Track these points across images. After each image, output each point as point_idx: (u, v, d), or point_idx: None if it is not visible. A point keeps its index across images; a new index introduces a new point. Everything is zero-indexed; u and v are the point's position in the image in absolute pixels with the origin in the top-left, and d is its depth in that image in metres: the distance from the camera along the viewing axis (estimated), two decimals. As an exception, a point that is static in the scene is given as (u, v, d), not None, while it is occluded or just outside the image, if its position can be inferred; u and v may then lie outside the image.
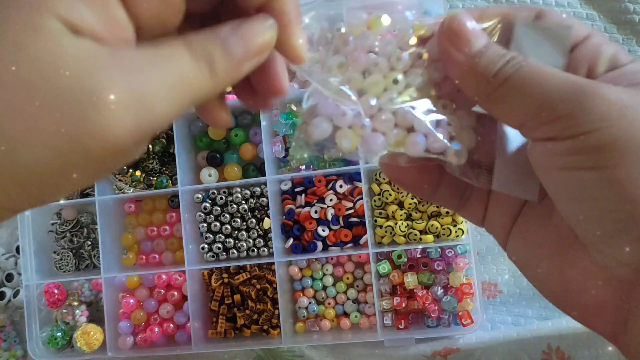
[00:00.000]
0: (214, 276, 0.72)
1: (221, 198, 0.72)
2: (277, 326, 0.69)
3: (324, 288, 0.71)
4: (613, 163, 0.19)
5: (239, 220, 0.71)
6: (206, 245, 0.72)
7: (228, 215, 0.71)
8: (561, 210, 0.22)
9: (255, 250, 0.72)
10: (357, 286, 0.71)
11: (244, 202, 0.71)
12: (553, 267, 0.23)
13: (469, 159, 0.24)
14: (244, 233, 0.71)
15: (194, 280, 0.71)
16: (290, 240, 0.70)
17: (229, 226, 0.72)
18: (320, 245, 0.70)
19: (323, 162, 0.71)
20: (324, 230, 0.69)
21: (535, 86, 0.20)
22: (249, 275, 0.71)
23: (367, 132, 0.23)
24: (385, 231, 0.67)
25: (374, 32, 0.25)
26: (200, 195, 0.72)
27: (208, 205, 0.72)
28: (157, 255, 0.75)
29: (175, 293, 0.73)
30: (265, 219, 0.71)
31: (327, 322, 0.70)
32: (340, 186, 0.70)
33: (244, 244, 0.71)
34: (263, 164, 0.69)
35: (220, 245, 0.72)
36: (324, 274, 0.71)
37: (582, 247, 0.22)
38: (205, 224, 0.72)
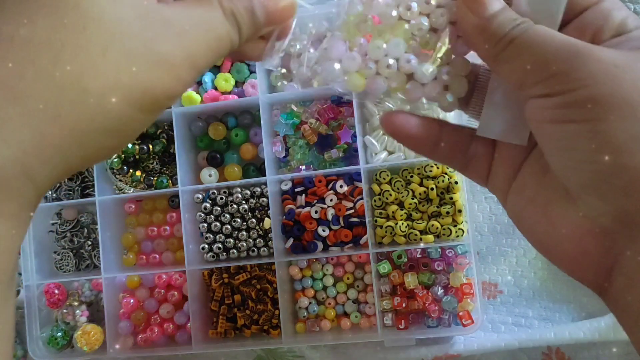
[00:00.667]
0: (214, 276, 0.72)
1: (221, 198, 0.72)
2: (278, 326, 0.69)
3: (324, 288, 0.71)
4: (597, 117, 0.21)
5: (239, 220, 0.71)
6: (206, 246, 0.72)
7: (228, 215, 0.71)
8: (550, 162, 0.23)
9: (256, 250, 0.72)
10: (358, 286, 0.71)
11: (244, 202, 0.71)
12: (543, 218, 0.25)
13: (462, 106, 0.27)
14: (244, 233, 0.71)
15: (194, 281, 0.71)
16: (291, 240, 0.70)
17: (229, 226, 0.72)
18: (320, 245, 0.70)
19: (323, 162, 0.71)
20: (324, 231, 0.69)
21: (536, 48, 0.22)
22: (249, 276, 0.71)
23: (372, 75, 0.26)
24: (386, 231, 0.67)
25: None
26: (200, 195, 0.72)
27: (208, 205, 0.72)
28: (158, 255, 0.75)
29: (176, 293, 0.73)
30: (266, 219, 0.71)
31: (328, 322, 0.70)
32: (341, 186, 0.70)
33: (244, 244, 0.71)
34: (263, 164, 0.69)
35: (220, 245, 0.72)
36: (324, 274, 0.71)
37: (570, 199, 0.23)
38: (205, 224, 0.72)
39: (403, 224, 0.66)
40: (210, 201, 0.72)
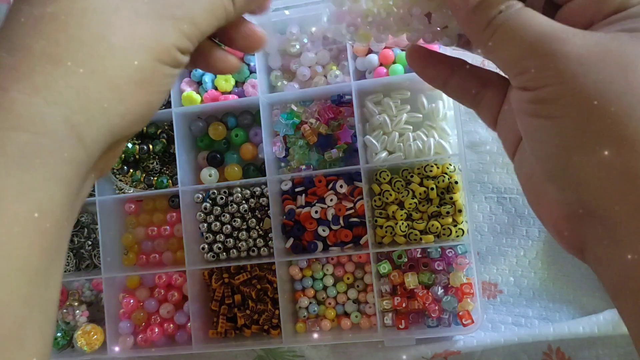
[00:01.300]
0: (214, 276, 0.72)
1: (221, 198, 0.72)
2: (278, 326, 0.69)
3: (325, 288, 0.71)
4: (558, 114, 0.22)
5: (239, 220, 0.71)
6: (206, 245, 0.72)
7: (228, 215, 0.71)
8: (526, 148, 0.25)
9: (256, 250, 0.72)
10: (358, 286, 0.71)
11: (244, 202, 0.72)
12: (536, 189, 0.26)
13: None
14: (244, 233, 0.71)
15: (194, 281, 0.71)
16: (291, 240, 0.70)
17: (229, 226, 0.72)
18: (320, 245, 0.70)
19: (323, 162, 0.71)
20: (324, 231, 0.69)
21: (514, 40, 0.23)
22: (249, 276, 0.71)
23: (378, 26, 0.29)
24: (386, 231, 0.67)
25: None
26: (200, 195, 0.72)
27: (208, 205, 0.72)
28: (158, 255, 0.75)
29: (176, 293, 0.73)
30: (266, 219, 0.71)
31: (328, 322, 0.70)
32: (341, 186, 0.70)
33: (244, 244, 0.71)
34: (263, 164, 0.69)
35: (220, 245, 0.72)
36: (325, 274, 0.71)
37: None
38: (205, 224, 0.72)
39: (403, 224, 0.66)
40: (210, 201, 0.72)
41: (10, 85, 0.22)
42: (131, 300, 0.73)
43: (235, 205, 0.71)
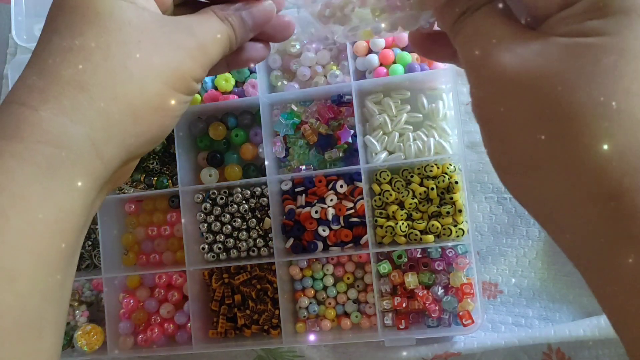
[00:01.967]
0: (214, 276, 0.72)
1: (221, 198, 0.72)
2: (278, 326, 0.69)
3: (325, 288, 0.71)
4: (484, 129, 0.25)
5: (239, 220, 0.71)
6: (206, 246, 0.72)
7: (228, 215, 0.71)
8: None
9: (256, 250, 0.72)
10: (358, 286, 0.71)
11: (244, 202, 0.71)
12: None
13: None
14: (244, 233, 0.71)
15: (194, 281, 0.71)
16: (291, 240, 0.70)
17: (229, 226, 0.72)
18: (320, 245, 0.70)
19: (323, 162, 0.71)
20: (324, 230, 0.69)
21: (466, 48, 0.25)
22: (249, 276, 0.71)
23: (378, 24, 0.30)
24: (386, 231, 0.67)
25: None
26: (200, 196, 0.72)
27: (208, 205, 0.72)
28: (158, 255, 0.75)
29: (176, 293, 0.73)
30: (266, 219, 0.71)
31: (328, 322, 0.70)
32: (341, 186, 0.70)
33: (244, 244, 0.71)
34: (263, 164, 0.69)
35: (220, 245, 0.72)
36: (325, 274, 0.71)
37: None
38: (205, 224, 0.72)
39: (403, 224, 0.66)
40: (210, 201, 0.72)
41: (39, 105, 0.25)
42: (131, 301, 0.73)
43: (235, 206, 0.71)
